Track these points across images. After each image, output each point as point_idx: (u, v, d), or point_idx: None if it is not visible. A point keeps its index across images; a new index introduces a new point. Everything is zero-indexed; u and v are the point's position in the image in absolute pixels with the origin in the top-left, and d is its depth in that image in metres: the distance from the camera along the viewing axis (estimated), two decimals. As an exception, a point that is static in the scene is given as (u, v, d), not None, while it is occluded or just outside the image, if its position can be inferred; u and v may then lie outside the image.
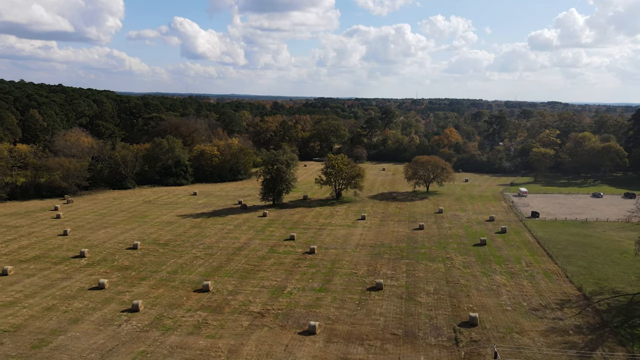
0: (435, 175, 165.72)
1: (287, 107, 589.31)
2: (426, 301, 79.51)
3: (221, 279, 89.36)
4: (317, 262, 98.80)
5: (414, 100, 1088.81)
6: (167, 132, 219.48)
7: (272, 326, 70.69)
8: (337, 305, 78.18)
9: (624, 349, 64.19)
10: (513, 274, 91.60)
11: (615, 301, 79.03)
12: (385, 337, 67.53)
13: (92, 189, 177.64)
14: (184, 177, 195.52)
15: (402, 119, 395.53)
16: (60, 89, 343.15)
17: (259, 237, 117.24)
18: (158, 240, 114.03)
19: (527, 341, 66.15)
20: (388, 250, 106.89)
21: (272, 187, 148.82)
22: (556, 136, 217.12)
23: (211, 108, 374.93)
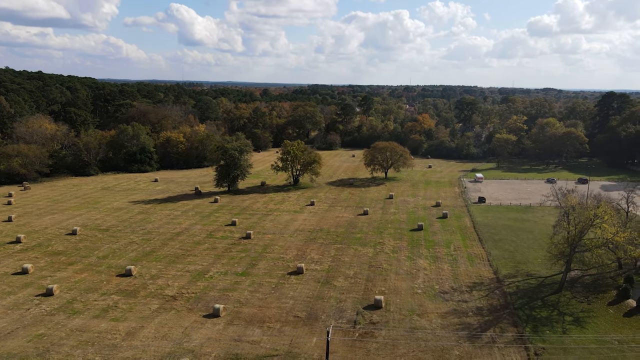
0: (393, 162, 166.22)
1: (275, 94, 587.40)
2: (341, 285, 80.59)
3: (148, 264, 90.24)
4: (250, 247, 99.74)
5: (407, 87, 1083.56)
6: (135, 119, 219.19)
7: (180, 309, 71.70)
8: (253, 289, 79.22)
9: (515, 329, 65.42)
10: (437, 258, 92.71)
11: (526, 284, 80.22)
12: (287, 320, 68.63)
13: (54, 176, 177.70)
14: (148, 163, 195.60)
15: (384, 106, 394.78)
16: (39, 75, 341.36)
17: (202, 223, 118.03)
18: (100, 226, 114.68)
19: (424, 323, 67.33)
20: (325, 235, 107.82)
21: (226, 174, 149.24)
22: (525, 122, 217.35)
23: (191, 95, 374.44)
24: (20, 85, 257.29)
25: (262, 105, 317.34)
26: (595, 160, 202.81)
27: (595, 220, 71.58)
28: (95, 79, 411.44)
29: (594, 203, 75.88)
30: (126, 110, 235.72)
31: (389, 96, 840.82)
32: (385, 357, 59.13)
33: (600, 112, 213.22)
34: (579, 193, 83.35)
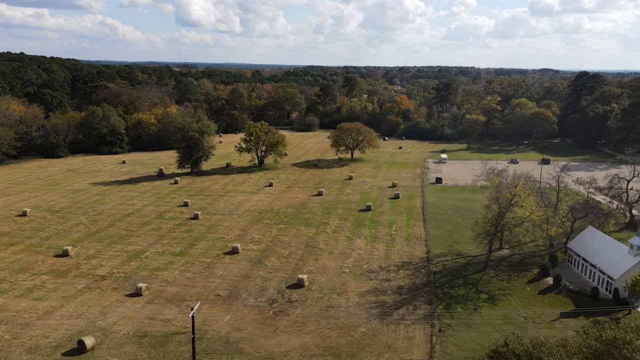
0: (358, 143, 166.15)
1: (267, 76, 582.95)
2: (273, 264, 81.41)
3: (89, 244, 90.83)
4: (195, 228, 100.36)
5: (402, 68, 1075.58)
6: (108, 100, 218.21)
7: (105, 289, 72.49)
8: (184, 268, 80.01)
9: (429, 307, 66.40)
10: (376, 238, 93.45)
11: (454, 263, 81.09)
12: (208, 298, 69.51)
13: (22, 158, 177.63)
14: (119, 145, 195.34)
15: (369, 87, 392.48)
16: (18, 57, 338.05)
17: (155, 204, 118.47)
18: (53, 208, 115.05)
19: (341, 301, 68.26)
20: (273, 215, 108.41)
21: (188, 155, 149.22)
22: (500, 103, 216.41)
23: (176, 77, 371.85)
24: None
25: (243, 87, 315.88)
26: (568, 141, 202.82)
27: (514, 199, 72.04)
28: (79, 60, 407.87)
29: (514, 182, 76.18)
30: (101, 92, 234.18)
31: (382, 77, 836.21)
32: (292, 334, 60.11)
33: (573, 92, 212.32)
34: (510, 173, 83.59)
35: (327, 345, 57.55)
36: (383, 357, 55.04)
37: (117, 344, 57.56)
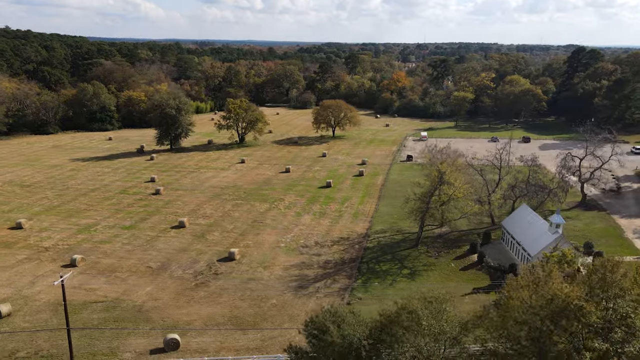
0: (339, 120, 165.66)
1: (280, 53, 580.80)
2: (214, 238, 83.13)
3: (46, 218, 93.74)
4: (153, 203, 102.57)
5: (419, 45, 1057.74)
6: (101, 77, 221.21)
7: (44, 260, 75.20)
8: (127, 241, 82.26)
9: (348, 281, 67.38)
10: (324, 214, 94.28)
11: (390, 239, 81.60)
12: (138, 270, 71.65)
13: (12, 134, 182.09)
14: (109, 122, 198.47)
15: (374, 64, 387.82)
16: (23, 34, 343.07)
17: (124, 180, 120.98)
18: (25, 182, 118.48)
19: (264, 275, 69.68)
20: (233, 191, 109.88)
21: (166, 132, 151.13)
22: (494, 80, 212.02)
23: (181, 54, 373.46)
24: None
25: (244, 65, 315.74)
26: (563, 120, 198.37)
27: (442, 177, 71.83)
28: (86, 37, 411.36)
29: (441, 159, 75.74)
30: (95, 69, 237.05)
31: (399, 54, 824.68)
32: (204, 305, 61.90)
33: (569, 69, 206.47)
34: (450, 150, 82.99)
35: (233, 315, 59.21)
36: (282, 326, 56.47)
37: (34, 311, 60.15)
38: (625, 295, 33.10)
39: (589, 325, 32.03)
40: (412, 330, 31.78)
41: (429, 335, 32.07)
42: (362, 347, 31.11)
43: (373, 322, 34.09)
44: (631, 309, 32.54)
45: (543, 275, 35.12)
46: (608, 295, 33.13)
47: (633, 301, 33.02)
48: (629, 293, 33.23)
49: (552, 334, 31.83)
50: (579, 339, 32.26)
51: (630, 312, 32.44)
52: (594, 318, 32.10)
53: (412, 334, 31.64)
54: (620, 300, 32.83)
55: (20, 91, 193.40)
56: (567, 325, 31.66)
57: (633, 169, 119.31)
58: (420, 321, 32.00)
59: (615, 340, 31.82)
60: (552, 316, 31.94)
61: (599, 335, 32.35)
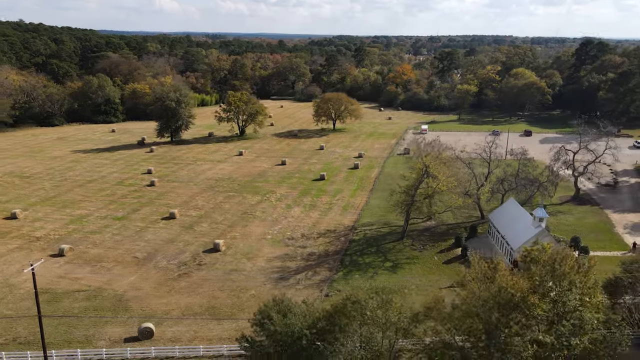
0: (339, 113, 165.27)
1: (290, 46, 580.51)
2: (202, 230, 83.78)
3: (41, 208, 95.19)
4: (147, 194, 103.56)
5: (431, 38, 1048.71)
6: (107, 70, 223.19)
7: (34, 249, 76.45)
8: (117, 232, 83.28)
9: (329, 273, 67.54)
10: (314, 206, 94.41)
11: (376, 232, 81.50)
12: (124, 260, 72.54)
13: (19, 126, 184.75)
14: (113, 114, 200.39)
15: (382, 57, 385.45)
16: (34, 28, 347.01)
17: (121, 171, 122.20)
18: (25, 173, 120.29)
19: (247, 266, 70.14)
20: (227, 184, 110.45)
21: (167, 124, 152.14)
22: (500, 72, 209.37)
23: (191, 47, 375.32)
24: (6, 37, 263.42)
25: (250, 57, 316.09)
26: (565, 114, 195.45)
27: (427, 169, 71.45)
28: (96, 31, 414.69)
29: (425, 153, 75.28)
30: (101, 62, 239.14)
31: (411, 47, 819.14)
32: (184, 295, 62.55)
33: (576, 61, 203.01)
34: (438, 144, 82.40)
35: (211, 305, 59.78)
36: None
37: (18, 299, 61.36)
38: (572, 288, 32.83)
39: (534, 317, 31.86)
40: (356, 320, 31.90)
41: (374, 324, 32.14)
42: (304, 335, 31.33)
43: (322, 312, 34.26)
44: (579, 302, 32.27)
45: (491, 268, 34.97)
46: (556, 288, 32.86)
47: (581, 294, 32.75)
48: (576, 286, 32.95)
49: (501, 325, 31.74)
50: (526, 332, 32.09)
51: (579, 306, 32.15)
52: (538, 310, 31.89)
53: (357, 323, 31.78)
54: (567, 293, 32.55)
55: (27, 84, 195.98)
56: (513, 317, 31.52)
57: (632, 164, 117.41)
58: (364, 311, 32.08)
59: (562, 332, 31.56)
60: (499, 308, 31.81)
61: (547, 328, 32.16)
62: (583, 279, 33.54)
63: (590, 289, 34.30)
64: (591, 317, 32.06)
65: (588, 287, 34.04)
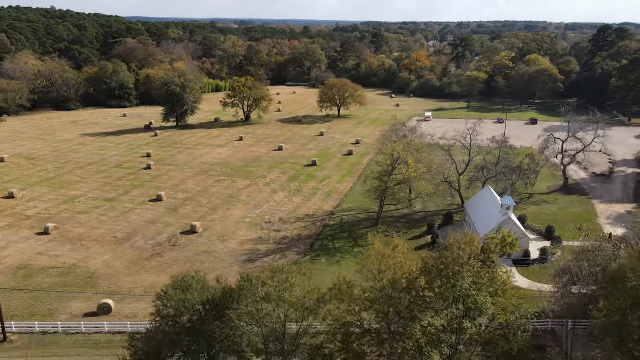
0: (344, 99, 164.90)
1: (315, 32, 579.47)
2: (185, 212, 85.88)
3: (39, 189, 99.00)
4: (141, 177, 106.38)
5: (460, 24, 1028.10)
6: (123, 56, 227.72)
7: (23, 227, 79.85)
8: (104, 212, 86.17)
9: (297, 257, 68.64)
10: (299, 191, 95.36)
11: (353, 217, 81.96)
12: (104, 240, 75.20)
13: (37, 110, 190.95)
14: (127, 99, 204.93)
15: (402, 43, 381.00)
16: (60, 14, 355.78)
17: (123, 154, 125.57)
18: (32, 155, 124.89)
19: (219, 248, 71.85)
20: (221, 168, 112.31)
21: (172, 109, 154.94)
22: (514, 59, 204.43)
23: (212, 32, 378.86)
24: (30, 24, 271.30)
25: (268, 43, 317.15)
26: (584, 101, 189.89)
27: (399, 155, 71.38)
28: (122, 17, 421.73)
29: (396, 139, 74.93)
30: (118, 48, 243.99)
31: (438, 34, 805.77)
32: (152, 274, 64.68)
33: (593, 47, 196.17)
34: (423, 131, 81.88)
35: (175, 285, 61.69)
36: (216, 298, 58.51)
37: (-5, 274, 64.67)
38: (464, 272, 32.96)
39: (424, 298, 32.22)
40: (249, 298, 32.80)
41: (268, 302, 32.99)
42: (197, 311, 32.56)
43: (219, 290, 35.28)
44: (473, 288, 32.38)
45: (389, 249, 35.34)
46: (449, 272, 33.06)
47: (475, 282, 32.88)
48: (469, 271, 33.07)
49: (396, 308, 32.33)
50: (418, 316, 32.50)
51: (473, 290, 32.29)
52: (426, 292, 32.27)
53: (250, 300, 32.68)
54: (459, 277, 32.68)
55: (46, 69, 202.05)
56: (403, 297, 32.05)
57: (634, 154, 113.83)
58: (256, 289, 32.96)
59: (454, 315, 31.80)
60: (392, 287, 32.43)
61: (437, 310, 32.48)
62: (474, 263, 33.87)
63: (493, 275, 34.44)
64: (484, 301, 32.19)
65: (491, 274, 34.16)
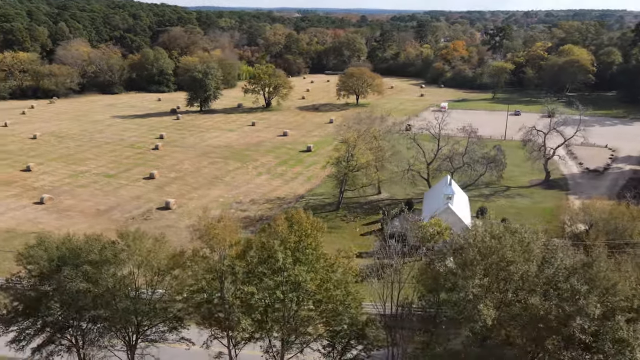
0: (360, 89, 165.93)
1: (371, 21, 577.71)
2: (170, 190, 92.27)
3: (55, 164, 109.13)
4: (146, 157, 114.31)
5: (527, 13, 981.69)
6: (167, 43, 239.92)
7: (25, 197, 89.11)
8: (99, 187, 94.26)
9: (249, 235, 72.53)
10: (282, 175, 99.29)
11: (320, 201, 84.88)
12: (87, 212, 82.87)
13: (85, 93, 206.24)
14: (166, 85, 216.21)
15: (451, 33, 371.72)
16: (122, 4, 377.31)
17: (140, 136, 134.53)
18: (61, 134, 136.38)
19: (183, 224, 77.16)
20: (222, 151, 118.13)
21: (195, 95, 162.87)
22: (550, 49, 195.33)
23: (264, 21, 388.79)
24: (91, 13, 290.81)
25: (309, 32, 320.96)
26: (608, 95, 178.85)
27: (352, 143, 73.31)
28: (179, 7, 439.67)
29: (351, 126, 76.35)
30: (162, 36, 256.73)
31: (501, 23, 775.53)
32: (115, 242, 71.05)
33: (635, 37, 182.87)
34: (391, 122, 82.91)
35: (129, 253, 67.70)
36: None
37: (-15, 234, 73.60)
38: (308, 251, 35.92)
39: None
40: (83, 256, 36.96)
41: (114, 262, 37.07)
42: (42, 266, 37.14)
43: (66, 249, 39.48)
44: (289, 262, 34.88)
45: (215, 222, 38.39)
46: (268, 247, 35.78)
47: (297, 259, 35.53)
48: (287, 246, 35.70)
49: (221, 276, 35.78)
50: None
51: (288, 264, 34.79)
52: (239, 262, 35.16)
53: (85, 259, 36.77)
54: (275, 251, 35.18)
55: (94, 55, 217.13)
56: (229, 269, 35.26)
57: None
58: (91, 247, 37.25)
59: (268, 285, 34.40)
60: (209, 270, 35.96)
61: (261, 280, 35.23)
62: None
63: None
64: (304, 279, 34.45)
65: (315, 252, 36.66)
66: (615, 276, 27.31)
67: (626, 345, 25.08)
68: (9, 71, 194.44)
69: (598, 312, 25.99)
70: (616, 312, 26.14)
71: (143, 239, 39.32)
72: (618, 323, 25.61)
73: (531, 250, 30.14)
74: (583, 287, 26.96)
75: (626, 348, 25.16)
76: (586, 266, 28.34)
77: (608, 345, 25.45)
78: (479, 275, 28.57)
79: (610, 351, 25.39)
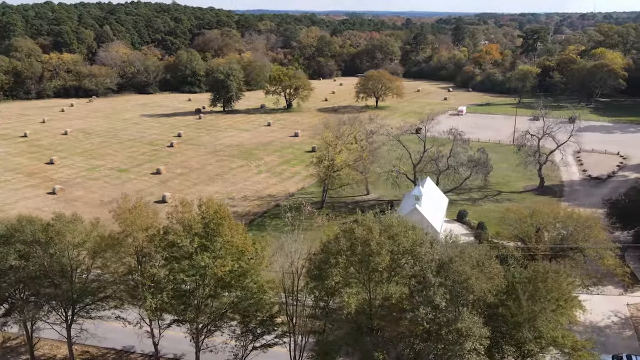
0: (379, 91, 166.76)
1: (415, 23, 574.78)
2: (172, 185, 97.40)
3: (77, 157, 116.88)
4: (160, 153, 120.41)
5: (583, 15, 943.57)
6: (201, 46, 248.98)
7: (42, 187, 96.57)
8: (109, 180, 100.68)
9: (230, 229, 75.98)
10: (280, 174, 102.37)
11: (307, 199, 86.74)
12: (92, 202, 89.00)
13: (123, 92, 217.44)
14: (197, 85, 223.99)
15: (490, 36, 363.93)
16: (166, 8, 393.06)
17: (161, 134, 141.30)
18: (90, 130, 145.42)
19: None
20: (232, 149, 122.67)
21: (219, 95, 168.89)
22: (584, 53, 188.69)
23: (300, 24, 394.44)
24: (135, 17, 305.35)
25: (344, 35, 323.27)
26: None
27: (330, 144, 75.35)
28: (223, 10, 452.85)
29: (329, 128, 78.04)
30: (196, 38, 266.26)
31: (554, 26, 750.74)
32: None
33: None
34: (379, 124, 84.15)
35: (117, 241, 72.64)
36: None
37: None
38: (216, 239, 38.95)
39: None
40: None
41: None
42: None
43: None
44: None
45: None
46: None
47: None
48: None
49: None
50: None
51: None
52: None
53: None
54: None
55: (133, 56, 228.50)
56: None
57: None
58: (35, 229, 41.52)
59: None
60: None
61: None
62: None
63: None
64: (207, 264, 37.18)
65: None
66: (469, 272, 28.37)
67: (463, 335, 26.24)
68: (54, 71, 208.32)
69: (444, 304, 27.33)
70: (462, 305, 27.36)
71: (77, 222, 43.16)
72: (462, 314, 26.89)
73: (400, 243, 31.71)
74: (436, 280, 28.31)
75: (462, 338, 26.32)
76: (451, 262, 29.58)
77: (453, 335, 26.72)
78: (342, 264, 30.27)
79: (450, 340, 26.64)
